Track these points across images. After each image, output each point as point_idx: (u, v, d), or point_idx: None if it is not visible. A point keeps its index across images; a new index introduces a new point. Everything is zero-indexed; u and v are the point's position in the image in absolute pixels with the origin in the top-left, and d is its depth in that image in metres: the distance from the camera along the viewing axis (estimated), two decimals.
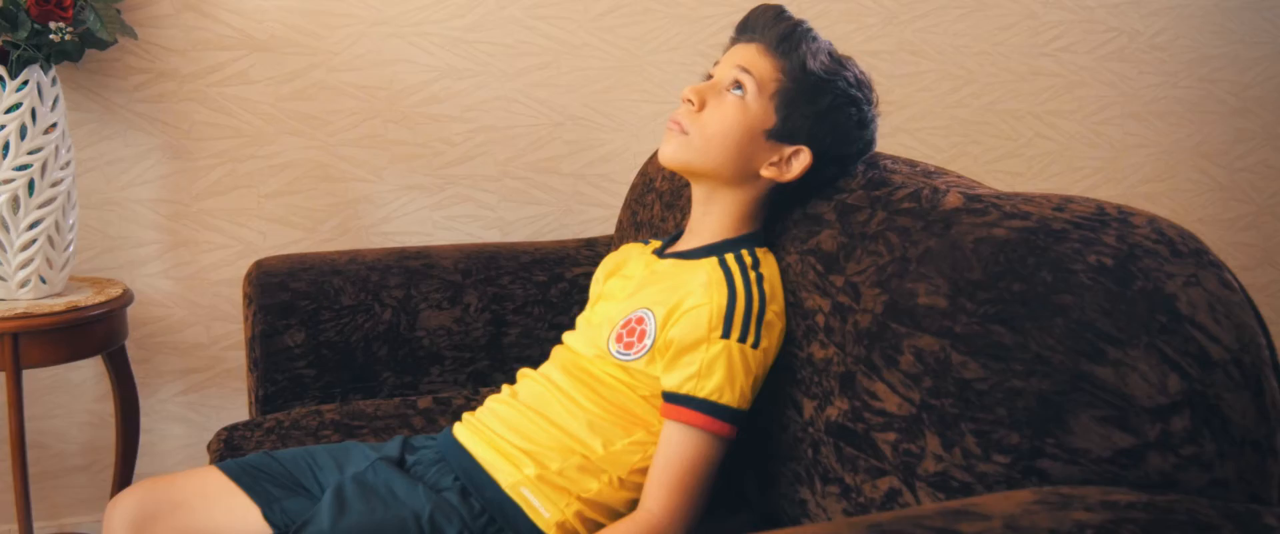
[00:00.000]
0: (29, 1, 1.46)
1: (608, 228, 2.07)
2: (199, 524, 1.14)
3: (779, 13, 1.17)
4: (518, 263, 1.74)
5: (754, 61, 1.14)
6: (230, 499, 1.15)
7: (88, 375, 1.87)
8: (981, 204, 1.02)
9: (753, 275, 1.12)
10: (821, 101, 1.13)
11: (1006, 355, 0.90)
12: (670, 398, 1.07)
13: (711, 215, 1.18)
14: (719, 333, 1.06)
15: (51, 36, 1.47)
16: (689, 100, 1.15)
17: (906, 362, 0.98)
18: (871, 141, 1.19)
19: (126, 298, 1.67)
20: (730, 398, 1.06)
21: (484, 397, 1.61)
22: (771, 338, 1.10)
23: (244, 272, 1.89)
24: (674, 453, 1.05)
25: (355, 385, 1.63)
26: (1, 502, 1.83)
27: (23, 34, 1.47)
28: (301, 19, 1.85)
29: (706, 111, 1.14)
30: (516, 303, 1.70)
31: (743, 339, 1.07)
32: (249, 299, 1.61)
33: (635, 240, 1.57)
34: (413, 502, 1.09)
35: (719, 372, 1.06)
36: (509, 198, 2.02)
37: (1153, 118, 2.47)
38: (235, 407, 1.94)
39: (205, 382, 1.93)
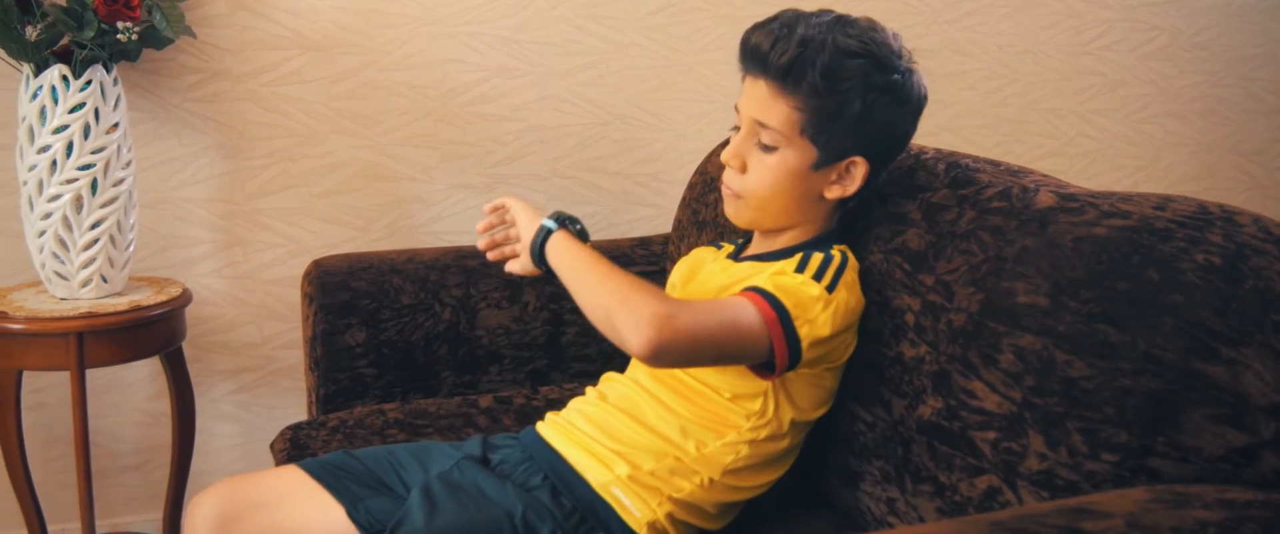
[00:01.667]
0: (96, 1, 1.46)
1: (655, 227, 2.07)
2: (282, 524, 1.14)
3: (774, 37, 1.08)
4: None
5: (768, 109, 1.10)
6: (313, 498, 1.15)
7: (141, 375, 1.87)
8: (1077, 203, 1.02)
9: (834, 267, 1.11)
10: (851, 110, 1.08)
11: (1114, 354, 0.90)
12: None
13: (786, 236, 1.18)
14: (794, 267, 1.08)
15: (119, 36, 1.47)
16: (729, 164, 1.15)
17: (1006, 360, 0.97)
18: (918, 103, 1.13)
19: (185, 298, 1.67)
20: (785, 298, 1.03)
21: (543, 395, 1.62)
22: (847, 297, 1.08)
23: (296, 271, 1.90)
24: (726, 302, 1.03)
25: (415, 385, 1.63)
26: (57, 500, 1.83)
27: (89, 33, 1.47)
28: (354, 18, 1.85)
29: (749, 172, 1.14)
30: (574, 302, 1.70)
31: (818, 278, 1.06)
32: (309, 298, 1.61)
33: (698, 240, 1.57)
34: (504, 501, 1.09)
35: (784, 281, 1.05)
36: (558, 197, 2.02)
37: (1193, 116, 2.47)
38: (287, 406, 1.94)
39: (257, 381, 1.93)
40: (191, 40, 1.75)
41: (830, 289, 1.06)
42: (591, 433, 1.14)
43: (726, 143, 1.67)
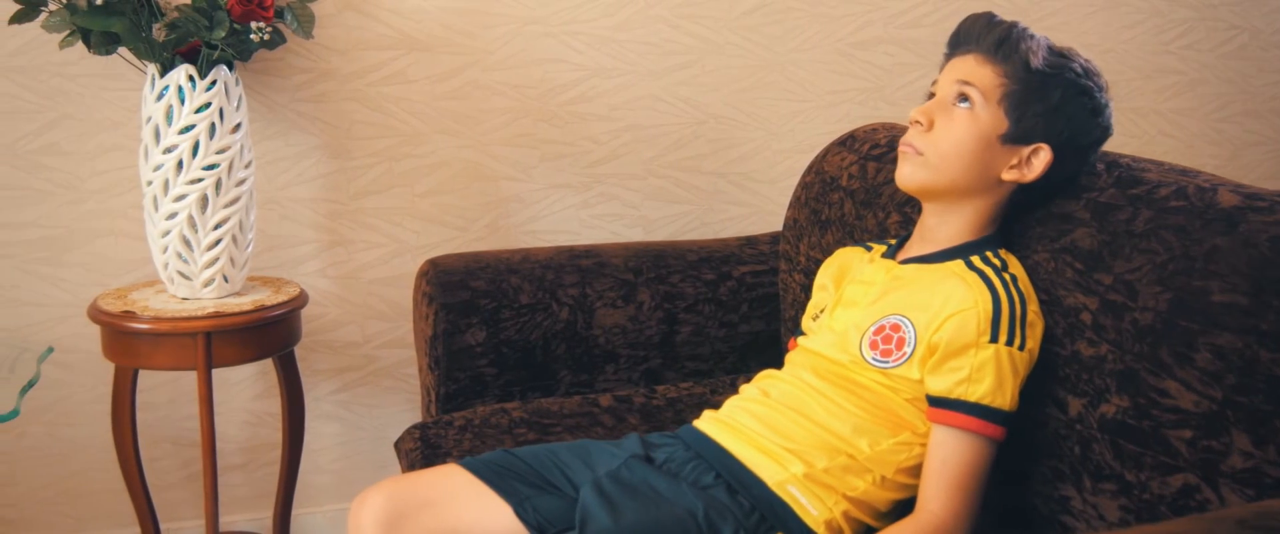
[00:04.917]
0: (230, 1, 1.46)
1: (747, 226, 2.08)
2: (450, 522, 1.15)
3: (990, 19, 1.17)
4: (685, 262, 1.74)
5: (974, 72, 1.15)
6: (480, 497, 1.15)
7: (245, 375, 1.87)
8: (1265, 202, 1.02)
9: (1006, 276, 1.12)
10: (1052, 96, 1.13)
11: None
12: (939, 402, 1.08)
13: (949, 224, 1.18)
14: (987, 337, 1.07)
15: (252, 36, 1.48)
16: (917, 121, 1.16)
17: (1203, 359, 0.98)
18: (1108, 128, 1.18)
19: (302, 298, 1.67)
20: (1001, 401, 1.06)
21: (661, 395, 1.62)
22: (1035, 338, 1.10)
23: (398, 271, 1.90)
24: (950, 456, 1.06)
25: (532, 384, 1.64)
26: (161, 500, 1.83)
27: (220, 34, 1.48)
28: (458, 18, 1.85)
29: (937, 129, 1.15)
30: (687, 301, 1.71)
31: (1010, 342, 1.07)
32: (428, 297, 1.61)
33: (821, 240, 1.57)
34: (682, 499, 1.09)
35: (989, 376, 1.06)
36: (653, 196, 2.02)
37: (1271, 115, 2.47)
38: (387, 406, 1.95)
39: (358, 381, 1.93)
40: (299, 40, 1.76)
41: (1021, 347, 1.08)
42: (760, 431, 1.14)
43: (853, 138, 1.68)
